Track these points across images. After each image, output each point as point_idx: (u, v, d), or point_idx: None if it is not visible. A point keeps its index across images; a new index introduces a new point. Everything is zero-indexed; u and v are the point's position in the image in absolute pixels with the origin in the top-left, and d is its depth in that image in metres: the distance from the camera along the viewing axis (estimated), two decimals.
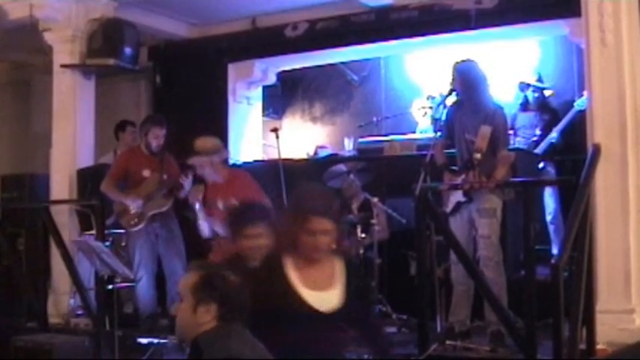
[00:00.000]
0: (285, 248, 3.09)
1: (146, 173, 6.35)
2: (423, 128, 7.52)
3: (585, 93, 5.84)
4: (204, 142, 5.52)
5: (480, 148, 5.20)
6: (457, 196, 5.32)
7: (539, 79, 6.98)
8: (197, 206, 5.40)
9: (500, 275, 5.21)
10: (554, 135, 6.65)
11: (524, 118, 6.92)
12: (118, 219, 6.38)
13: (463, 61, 5.48)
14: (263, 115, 8.75)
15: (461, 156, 5.44)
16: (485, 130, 5.21)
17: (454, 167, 5.49)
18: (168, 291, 6.29)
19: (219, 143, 5.60)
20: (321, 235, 3.01)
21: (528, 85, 6.90)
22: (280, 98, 9.21)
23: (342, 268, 3.13)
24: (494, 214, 5.24)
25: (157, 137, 6.34)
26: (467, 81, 5.34)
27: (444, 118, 5.60)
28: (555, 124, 6.69)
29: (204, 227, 5.41)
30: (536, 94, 6.87)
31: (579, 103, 6.42)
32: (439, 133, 5.58)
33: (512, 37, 7.35)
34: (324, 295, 3.05)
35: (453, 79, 5.43)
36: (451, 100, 5.53)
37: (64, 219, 7.03)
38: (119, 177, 6.41)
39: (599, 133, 5.03)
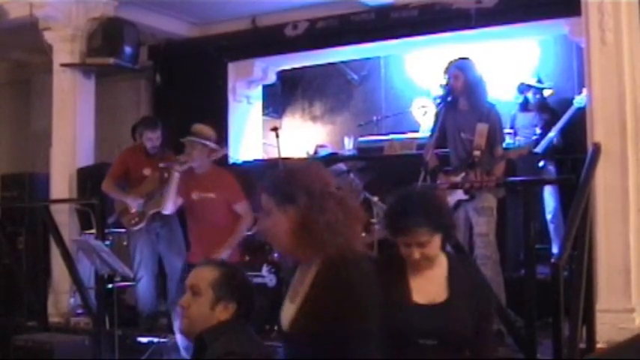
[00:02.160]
0: None
1: (147, 172, 6.35)
2: (426, 129, 7.51)
3: (584, 90, 5.85)
4: (203, 127, 5.52)
5: (479, 146, 5.23)
6: (457, 195, 5.32)
7: (539, 81, 6.98)
8: (176, 175, 5.38)
9: (498, 274, 5.22)
10: (553, 134, 6.65)
11: (524, 118, 6.92)
12: (119, 218, 6.39)
13: (460, 58, 5.49)
14: (263, 114, 8.76)
15: (456, 155, 5.46)
16: (483, 127, 5.25)
17: (448, 168, 5.51)
18: (169, 290, 6.29)
19: (214, 135, 5.56)
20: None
21: (529, 86, 6.91)
22: (280, 97, 9.21)
23: (314, 272, 2.35)
24: (492, 212, 5.26)
25: (150, 139, 6.34)
26: (466, 78, 5.35)
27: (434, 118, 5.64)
28: (555, 124, 6.69)
29: (170, 202, 5.44)
30: (537, 96, 6.88)
31: (578, 101, 6.43)
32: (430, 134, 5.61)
33: (512, 37, 7.35)
34: (288, 308, 2.41)
35: (448, 78, 5.45)
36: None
37: (64, 218, 7.04)
38: (120, 176, 6.42)
39: (599, 132, 5.03)
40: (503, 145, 5.55)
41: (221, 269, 2.68)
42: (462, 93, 5.39)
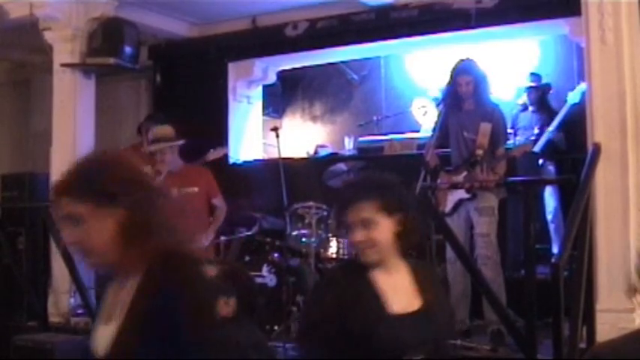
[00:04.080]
0: None
1: (146, 170, 6.35)
2: (428, 128, 7.50)
3: (577, 86, 5.86)
4: (163, 129, 5.70)
5: (481, 145, 5.23)
6: (458, 195, 5.33)
7: (536, 79, 6.97)
8: None
9: (499, 274, 5.23)
10: (550, 130, 6.65)
11: (524, 118, 6.93)
12: None
13: (464, 59, 5.51)
14: (263, 114, 8.75)
15: (459, 154, 5.46)
16: (486, 127, 5.25)
17: (449, 168, 5.51)
18: None
19: (174, 130, 5.74)
20: None
21: (530, 87, 6.91)
22: (280, 97, 9.21)
23: (137, 281, 1.98)
24: (492, 212, 5.27)
25: None
26: (475, 80, 5.36)
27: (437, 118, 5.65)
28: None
29: None
30: (532, 95, 6.88)
31: (571, 97, 6.45)
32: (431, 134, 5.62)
33: (512, 37, 7.35)
34: (104, 331, 2.01)
35: (451, 78, 5.45)
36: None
37: None
38: None
39: (599, 132, 5.03)
40: (506, 145, 5.56)
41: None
42: (470, 95, 5.40)
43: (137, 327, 1.84)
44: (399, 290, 2.47)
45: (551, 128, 6.64)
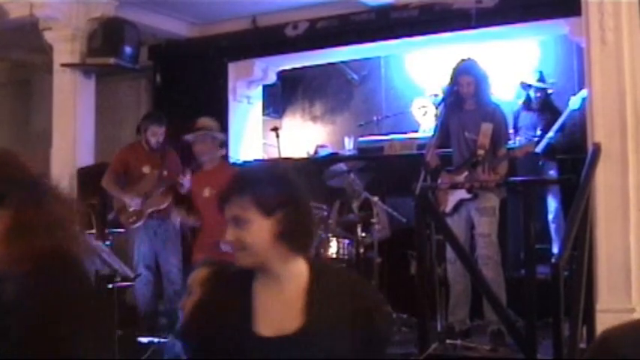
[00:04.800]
0: None
1: (146, 169, 6.36)
2: (427, 129, 7.51)
3: (580, 92, 5.85)
4: (208, 120, 5.72)
5: (483, 145, 5.24)
6: (459, 195, 5.33)
7: (541, 79, 6.98)
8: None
9: (500, 274, 5.23)
10: (551, 134, 6.66)
11: (526, 118, 6.93)
12: (117, 215, 6.40)
13: (465, 59, 5.51)
14: (263, 115, 8.75)
15: (460, 155, 5.47)
16: (487, 127, 5.26)
17: (450, 168, 5.51)
18: (165, 289, 6.30)
19: (218, 126, 5.82)
20: None
21: (529, 85, 6.91)
22: (280, 97, 9.21)
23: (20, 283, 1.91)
24: (493, 212, 5.27)
25: (155, 135, 6.36)
26: (476, 80, 5.36)
27: (437, 117, 5.65)
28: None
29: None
30: (538, 94, 6.88)
31: (573, 102, 6.45)
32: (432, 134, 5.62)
33: (512, 37, 7.35)
34: None
35: (453, 78, 5.46)
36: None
37: None
38: (119, 172, 6.42)
39: (599, 132, 5.03)
40: (507, 145, 5.56)
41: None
42: (472, 95, 5.40)
43: (19, 331, 1.77)
44: (276, 306, 1.99)
45: (551, 134, 6.64)
